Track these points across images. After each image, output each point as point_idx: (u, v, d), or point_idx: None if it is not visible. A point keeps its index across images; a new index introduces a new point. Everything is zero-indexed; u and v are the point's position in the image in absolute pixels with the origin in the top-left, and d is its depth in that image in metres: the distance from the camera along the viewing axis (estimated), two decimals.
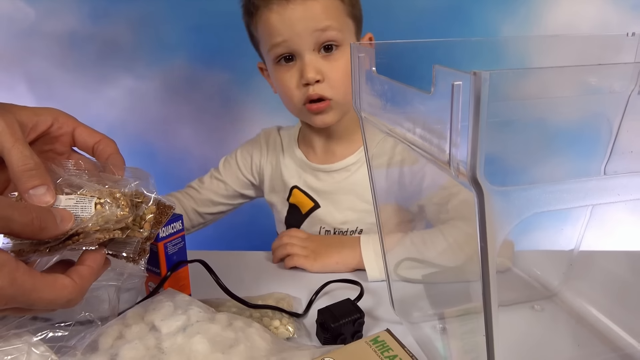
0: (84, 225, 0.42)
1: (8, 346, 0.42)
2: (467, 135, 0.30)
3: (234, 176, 1.00)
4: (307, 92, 0.81)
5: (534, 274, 0.66)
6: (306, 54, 0.80)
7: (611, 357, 0.51)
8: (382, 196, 0.57)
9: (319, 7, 0.78)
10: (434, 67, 0.32)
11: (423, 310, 0.59)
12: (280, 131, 1.01)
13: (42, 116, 0.47)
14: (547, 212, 0.66)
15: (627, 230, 0.89)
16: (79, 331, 0.45)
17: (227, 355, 0.42)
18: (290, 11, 0.78)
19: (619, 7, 1.13)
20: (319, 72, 0.80)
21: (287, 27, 0.79)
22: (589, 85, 0.43)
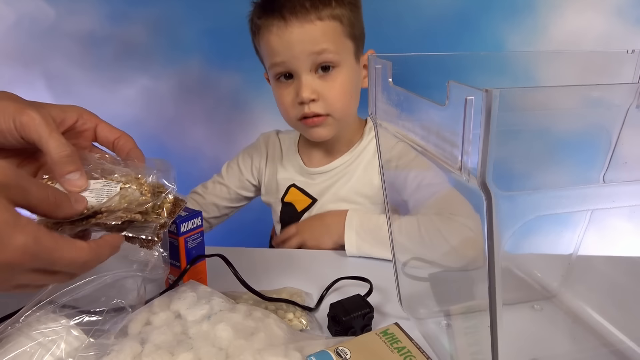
0: (109, 203, 0.46)
1: (47, 328, 0.46)
2: (477, 145, 0.33)
3: (236, 179, 1.04)
4: (303, 110, 0.85)
5: (535, 275, 0.69)
6: (303, 74, 0.83)
7: (605, 353, 0.55)
8: (392, 196, 0.61)
9: (317, 30, 0.82)
10: (449, 82, 0.35)
11: (429, 307, 0.63)
12: (280, 135, 1.05)
13: (69, 113, 0.51)
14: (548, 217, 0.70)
15: (623, 236, 0.93)
16: (111, 317, 0.48)
17: (249, 342, 0.45)
18: (289, 34, 0.81)
19: (623, 21, 1.17)
20: (314, 92, 0.83)
21: (285, 49, 0.82)
22: (590, 100, 0.47)
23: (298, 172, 0.98)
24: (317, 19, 0.81)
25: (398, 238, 0.66)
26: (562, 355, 0.55)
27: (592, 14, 1.18)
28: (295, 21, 0.81)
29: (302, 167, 0.98)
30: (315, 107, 0.84)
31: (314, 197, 0.96)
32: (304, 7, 0.81)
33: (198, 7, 1.27)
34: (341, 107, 0.86)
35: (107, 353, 0.43)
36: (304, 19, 0.81)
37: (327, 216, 0.89)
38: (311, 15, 0.81)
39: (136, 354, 0.44)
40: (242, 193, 1.05)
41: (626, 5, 1.16)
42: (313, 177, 0.96)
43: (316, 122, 0.86)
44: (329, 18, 0.82)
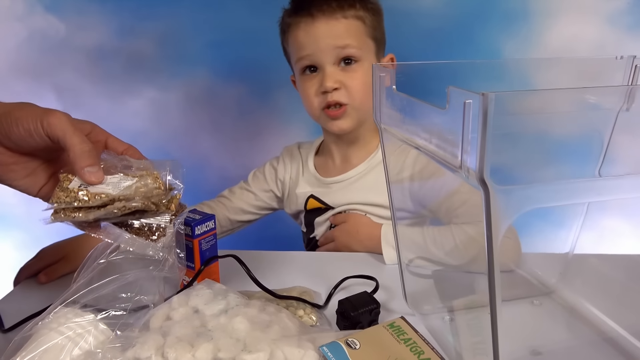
0: (126, 192, 0.51)
1: (75, 323, 0.48)
2: (476, 144, 0.36)
3: (261, 188, 1.09)
4: (326, 99, 0.90)
5: (534, 273, 0.72)
6: (327, 66, 0.90)
7: (600, 343, 0.58)
8: (397, 198, 0.64)
9: (341, 26, 0.89)
10: (449, 87, 0.39)
11: (433, 304, 0.66)
12: (300, 148, 1.10)
13: (84, 124, 0.56)
14: (546, 218, 0.73)
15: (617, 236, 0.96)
16: (134, 312, 0.51)
17: (265, 333, 0.48)
18: (315, 29, 0.89)
19: (615, 28, 1.20)
20: (337, 82, 0.89)
21: (312, 43, 0.89)
22: (583, 103, 0.50)
23: (314, 184, 1.02)
24: (342, 17, 0.89)
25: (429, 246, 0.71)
26: (559, 346, 0.58)
27: (585, 22, 1.22)
28: (322, 17, 0.89)
29: (317, 179, 1.02)
30: (337, 96, 0.90)
31: (331, 205, 1.00)
32: (331, 6, 0.89)
33: (203, 21, 1.31)
34: (361, 97, 0.91)
35: (132, 345, 0.46)
36: (330, 16, 0.89)
37: (361, 231, 0.91)
38: (337, 14, 0.89)
39: (159, 345, 0.46)
40: (268, 202, 1.10)
41: (618, 13, 1.20)
42: (329, 187, 1.00)
43: (338, 114, 0.91)
44: (353, 17, 0.90)
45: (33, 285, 0.74)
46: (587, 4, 1.21)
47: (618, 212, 1.12)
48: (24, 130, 0.49)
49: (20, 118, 0.49)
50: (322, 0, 0.89)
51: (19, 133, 0.49)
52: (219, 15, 1.30)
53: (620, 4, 1.20)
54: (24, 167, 0.54)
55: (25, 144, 0.51)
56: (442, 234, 0.77)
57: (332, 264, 0.81)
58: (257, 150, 1.38)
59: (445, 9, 1.24)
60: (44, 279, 0.73)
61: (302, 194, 1.03)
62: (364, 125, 0.96)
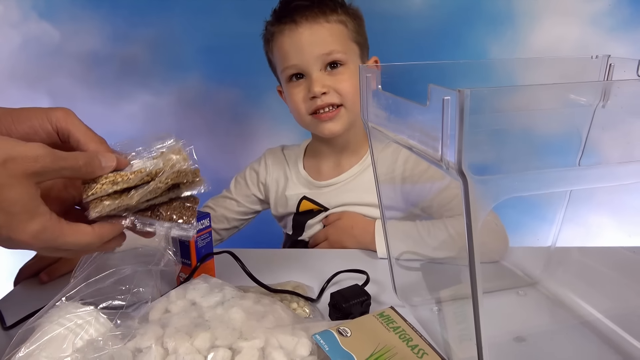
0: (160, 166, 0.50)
1: (75, 315, 0.51)
2: (454, 138, 0.39)
3: (243, 194, 1.10)
4: (315, 104, 0.91)
5: (519, 265, 0.75)
6: (314, 73, 0.91)
7: (581, 329, 0.60)
8: (389, 196, 0.66)
9: (325, 31, 0.90)
10: (429, 85, 0.41)
11: (422, 295, 0.68)
12: (284, 150, 1.10)
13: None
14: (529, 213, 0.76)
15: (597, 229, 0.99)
16: (133, 303, 0.54)
17: (260, 323, 0.50)
18: (299, 35, 0.90)
19: (598, 29, 1.24)
20: (325, 86, 0.90)
21: (296, 51, 0.91)
22: (560, 99, 0.53)
23: (306, 186, 1.03)
24: (325, 22, 0.91)
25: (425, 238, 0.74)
26: (543, 332, 0.61)
27: (569, 24, 1.25)
28: (305, 23, 0.90)
29: (310, 182, 1.03)
30: (327, 98, 0.91)
31: (325, 206, 1.01)
32: (313, 11, 0.90)
33: (196, 27, 1.33)
34: (352, 98, 0.92)
35: (133, 335, 0.48)
36: (313, 22, 0.90)
37: (356, 227, 0.93)
38: (319, 19, 0.90)
39: (159, 336, 0.49)
40: (251, 206, 1.10)
41: (600, 15, 1.23)
42: (322, 189, 1.02)
43: (330, 116, 0.92)
44: (335, 22, 0.92)
45: (33, 285, 0.76)
46: (570, 6, 1.25)
47: (604, 208, 1.15)
48: (28, 127, 0.50)
49: (24, 115, 0.50)
50: (304, 7, 0.90)
51: (22, 130, 0.50)
52: (211, 21, 1.32)
53: (602, 6, 1.23)
54: None
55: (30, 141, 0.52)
56: (437, 226, 0.79)
57: (324, 260, 0.83)
58: (250, 153, 1.40)
59: (432, 11, 1.27)
60: (46, 278, 0.75)
61: (294, 195, 1.03)
62: (353, 131, 0.97)
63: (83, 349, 0.47)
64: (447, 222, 0.78)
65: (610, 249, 0.73)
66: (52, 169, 0.44)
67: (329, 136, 0.96)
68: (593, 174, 0.44)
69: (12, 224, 0.43)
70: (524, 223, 0.92)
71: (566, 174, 0.43)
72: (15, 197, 0.42)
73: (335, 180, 1.01)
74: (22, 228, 0.43)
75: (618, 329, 0.59)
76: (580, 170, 0.44)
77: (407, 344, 0.52)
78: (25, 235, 0.43)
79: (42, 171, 0.43)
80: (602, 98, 0.60)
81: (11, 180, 0.42)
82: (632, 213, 1.13)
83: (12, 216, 0.42)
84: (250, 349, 0.47)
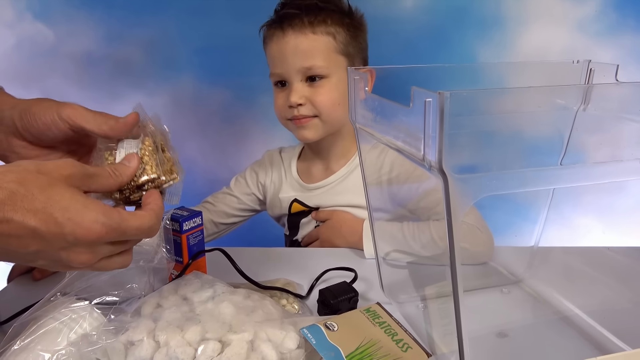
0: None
1: (70, 310, 0.52)
2: (435, 138, 0.41)
3: (243, 192, 1.13)
4: (292, 113, 0.95)
5: (503, 263, 0.77)
6: (294, 83, 0.94)
7: (562, 325, 0.62)
8: (376, 197, 0.68)
9: (308, 43, 0.92)
10: (412, 88, 0.43)
11: (408, 293, 0.70)
12: (282, 153, 1.13)
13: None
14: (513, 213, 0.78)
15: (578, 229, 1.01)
16: (126, 298, 0.55)
17: (249, 317, 0.52)
18: (285, 44, 0.93)
19: (584, 34, 1.27)
20: (302, 97, 0.93)
21: (281, 59, 0.94)
22: (542, 103, 0.55)
23: (297, 189, 1.06)
24: (311, 33, 0.92)
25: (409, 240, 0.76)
26: (525, 328, 0.63)
27: (556, 29, 1.28)
28: (291, 33, 0.92)
29: (300, 185, 1.06)
30: (303, 110, 0.94)
31: (314, 207, 1.04)
32: (302, 20, 0.92)
33: (190, 28, 1.35)
34: (327, 111, 0.94)
35: (126, 329, 0.50)
36: (299, 32, 0.92)
37: (344, 227, 0.95)
38: (306, 29, 0.92)
39: (150, 329, 0.50)
40: (250, 204, 1.13)
41: (587, 21, 1.26)
42: (312, 192, 1.04)
43: (302, 123, 0.96)
44: (322, 33, 0.92)
45: (26, 282, 0.77)
46: (558, 11, 1.27)
47: (587, 209, 1.18)
48: (42, 124, 0.52)
49: (38, 112, 0.53)
50: (295, 15, 0.92)
51: (37, 127, 0.53)
52: (205, 22, 1.33)
53: (589, 12, 1.26)
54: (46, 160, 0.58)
55: (45, 137, 0.54)
56: (421, 229, 0.81)
57: (314, 259, 0.85)
58: (242, 154, 1.41)
59: (422, 16, 1.29)
60: (39, 275, 0.76)
61: (286, 198, 1.06)
62: (337, 135, 1.00)
63: (77, 342, 0.48)
64: (432, 225, 0.80)
65: (591, 249, 0.75)
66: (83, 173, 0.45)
67: (304, 141, 1.01)
68: (571, 172, 0.46)
69: (70, 216, 0.40)
70: (509, 223, 0.95)
71: (545, 172, 0.45)
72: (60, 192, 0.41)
73: (323, 182, 1.03)
74: (81, 217, 0.41)
75: (596, 324, 0.62)
76: (558, 170, 0.45)
77: (392, 338, 0.54)
78: (87, 222, 0.41)
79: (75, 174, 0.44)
80: (583, 101, 0.62)
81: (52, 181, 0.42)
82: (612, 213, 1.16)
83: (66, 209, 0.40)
84: (239, 342, 0.48)
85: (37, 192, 0.40)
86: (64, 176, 0.43)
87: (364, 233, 0.88)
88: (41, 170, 0.42)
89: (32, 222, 0.39)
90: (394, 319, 0.57)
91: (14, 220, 0.39)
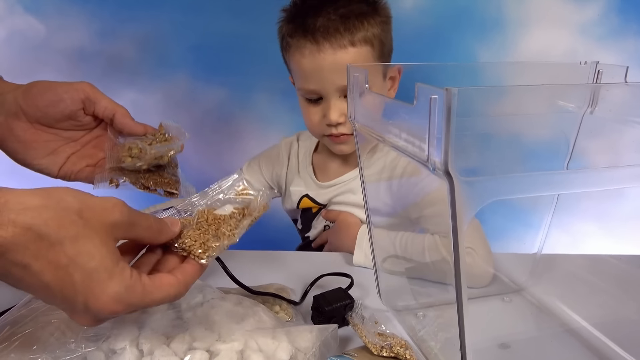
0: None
1: (53, 312, 0.49)
2: (441, 137, 0.38)
3: (257, 180, 1.08)
4: (330, 131, 0.88)
5: (505, 271, 0.75)
6: (332, 99, 0.85)
7: (567, 337, 0.60)
8: (378, 201, 0.66)
9: (349, 59, 0.82)
10: (417, 84, 0.40)
11: (407, 301, 0.67)
12: (300, 141, 1.07)
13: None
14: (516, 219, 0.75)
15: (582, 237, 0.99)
16: None
17: (240, 325, 0.49)
18: (321, 60, 0.83)
19: (586, 38, 1.25)
20: (342, 115, 0.86)
21: (317, 76, 0.84)
22: (549, 104, 0.52)
23: (309, 185, 1.03)
24: (349, 44, 0.82)
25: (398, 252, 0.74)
26: (528, 339, 0.60)
27: (558, 32, 1.26)
28: (328, 46, 0.82)
29: (313, 181, 1.02)
30: (342, 129, 0.87)
31: (323, 204, 1.01)
32: (338, 31, 0.82)
33: (184, 25, 1.32)
34: None
35: (107, 336, 0.47)
36: (337, 45, 0.82)
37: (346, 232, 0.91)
38: (344, 40, 0.82)
39: (134, 337, 0.47)
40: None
41: (589, 24, 1.24)
42: (322, 189, 1.01)
43: (342, 140, 0.89)
44: (360, 43, 0.83)
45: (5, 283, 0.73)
46: (559, 14, 1.25)
47: (589, 215, 1.16)
48: (53, 94, 0.51)
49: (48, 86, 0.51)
50: (329, 24, 0.82)
51: (48, 98, 0.50)
52: (200, 19, 1.31)
53: (591, 15, 1.24)
54: (45, 145, 0.56)
55: (52, 111, 0.52)
56: (414, 241, 0.77)
57: (309, 263, 0.82)
58: (236, 154, 1.39)
59: (422, 16, 1.27)
60: None
61: (296, 192, 1.03)
62: None
63: (54, 350, 0.45)
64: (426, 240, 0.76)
65: (596, 257, 0.73)
66: (127, 222, 0.39)
67: (339, 154, 0.95)
68: (581, 178, 0.43)
69: (90, 284, 0.36)
70: (510, 229, 0.92)
71: (554, 177, 0.42)
72: (92, 250, 0.36)
73: (336, 181, 1.00)
74: (101, 289, 0.36)
75: (603, 337, 0.59)
76: (568, 174, 0.43)
77: None
78: (106, 298, 0.37)
79: (118, 222, 0.38)
80: (590, 104, 0.60)
81: (88, 232, 0.36)
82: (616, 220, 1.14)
83: (89, 274, 0.36)
84: (228, 352, 0.45)
85: (68, 243, 0.35)
86: (105, 226, 0.37)
87: (357, 238, 0.84)
88: (83, 214, 0.36)
89: (47, 278, 0.35)
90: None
91: (30, 268, 0.34)
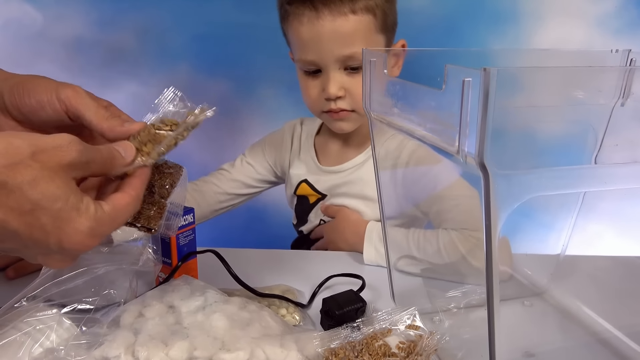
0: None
1: (36, 319, 0.45)
2: (475, 126, 0.34)
3: (260, 164, 1.05)
4: (329, 106, 0.84)
5: (525, 274, 0.70)
6: (331, 71, 0.82)
7: (593, 344, 0.56)
8: (388, 194, 0.61)
9: (349, 27, 0.79)
10: (446, 66, 0.36)
11: (422, 304, 0.63)
12: (303, 125, 1.04)
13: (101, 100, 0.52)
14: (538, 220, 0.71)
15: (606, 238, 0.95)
16: (103, 306, 0.48)
17: (244, 331, 0.45)
18: (320, 27, 0.79)
19: (603, 32, 1.20)
20: (342, 89, 0.82)
21: (315, 46, 0.81)
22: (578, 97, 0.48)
23: (311, 169, 0.99)
24: (350, 12, 0.79)
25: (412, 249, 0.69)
26: (553, 347, 0.56)
27: (574, 25, 1.21)
28: (327, 13, 0.78)
29: (315, 165, 0.98)
30: (341, 104, 0.83)
31: (323, 193, 0.96)
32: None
33: (187, 14, 1.28)
34: None
35: (100, 343, 0.42)
36: (337, 12, 0.78)
37: (347, 228, 0.88)
38: (344, 7, 0.78)
39: (129, 344, 0.43)
40: (267, 175, 1.05)
41: (606, 17, 1.20)
42: (324, 175, 0.97)
43: (341, 117, 0.86)
44: (362, 11, 0.80)
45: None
46: (575, 6, 1.21)
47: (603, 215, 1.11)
48: (35, 101, 0.46)
49: (33, 89, 0.46)
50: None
51: (30, 104, 0.46)
52: (202, 8, 1.26)
53: (608, 7, 1.20)
54: None
55: (36, 118, 0.47)
56: (427, 238, 0.73)
57: (317, 263, 0.78)
58: (239, 148, 1.34)
59: (435, 8, 1.22)
60: (12, 274, 0.69)
61: (296, 175, 0.99)
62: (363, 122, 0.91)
63: (41, 358, 0.41)
64: (440, 235, 0.72)
65: (620, 259, 0.69)
66: (83, 161, 0.38)
67: (340, 132, 0.91)
68: (622, 172, 0.39)
69: (60, 225, 0.36)
70: (529, 229, 0.88)
71: (594, 171, 0.38)
72: (55, 191, 0.35)
73: (338, 168, 0.95)
74: (73, 228, 0.36)
75: (631, 342, 0.55)
76: (610, 169, 0.39)
77: None
78: (79, 235, 0.37)
79: (75, 162, 0.37)
80: (621, 95, 0.56)
81: (47, 173, 0.35)
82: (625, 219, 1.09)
83: (58, 215, 0.36)
84: None
85: (28, 189, 0.34)
86: (63, 166, 0.36)
87: (366, 235, 0.80)
88: (36, 156, 0.35)
89: (14, 225, 0.34)
90: None
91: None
